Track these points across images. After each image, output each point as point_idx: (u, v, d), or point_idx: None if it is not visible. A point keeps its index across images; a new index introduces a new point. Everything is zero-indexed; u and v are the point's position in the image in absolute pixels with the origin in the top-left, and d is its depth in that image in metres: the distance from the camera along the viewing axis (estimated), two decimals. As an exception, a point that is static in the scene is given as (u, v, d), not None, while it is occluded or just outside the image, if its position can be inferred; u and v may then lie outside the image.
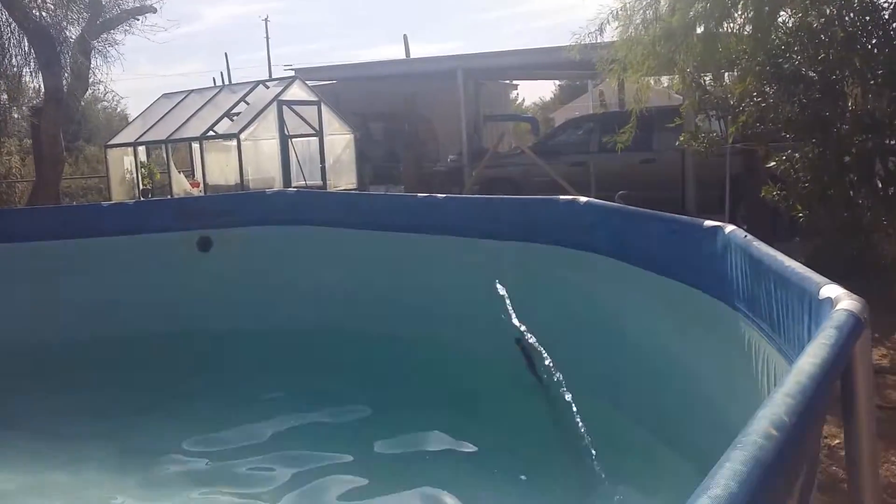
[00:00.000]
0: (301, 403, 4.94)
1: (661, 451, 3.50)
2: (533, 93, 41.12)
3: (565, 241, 4.63)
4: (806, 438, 1.37)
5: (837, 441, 3.86)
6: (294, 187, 12.59)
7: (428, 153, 17.34)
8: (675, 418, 3.50)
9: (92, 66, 14.28)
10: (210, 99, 15.36)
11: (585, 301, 4.47)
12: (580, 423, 3.84)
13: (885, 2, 6.57)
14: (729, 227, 3.07)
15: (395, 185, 15.98)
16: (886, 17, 6.49)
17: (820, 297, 1.98)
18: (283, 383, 5.27)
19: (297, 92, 14.66)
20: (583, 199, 4.70)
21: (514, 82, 23.38)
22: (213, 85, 18.87)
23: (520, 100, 35.11)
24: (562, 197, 4.86)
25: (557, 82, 34.52)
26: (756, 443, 1.13)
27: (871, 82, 6.55)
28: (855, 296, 1.88)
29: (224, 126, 14.39)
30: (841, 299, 1.86)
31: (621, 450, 3.83)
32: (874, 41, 6.49)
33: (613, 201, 7.15)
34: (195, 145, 14.80)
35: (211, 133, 14.17)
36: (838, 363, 1.57)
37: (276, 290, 6.15)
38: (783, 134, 6.92)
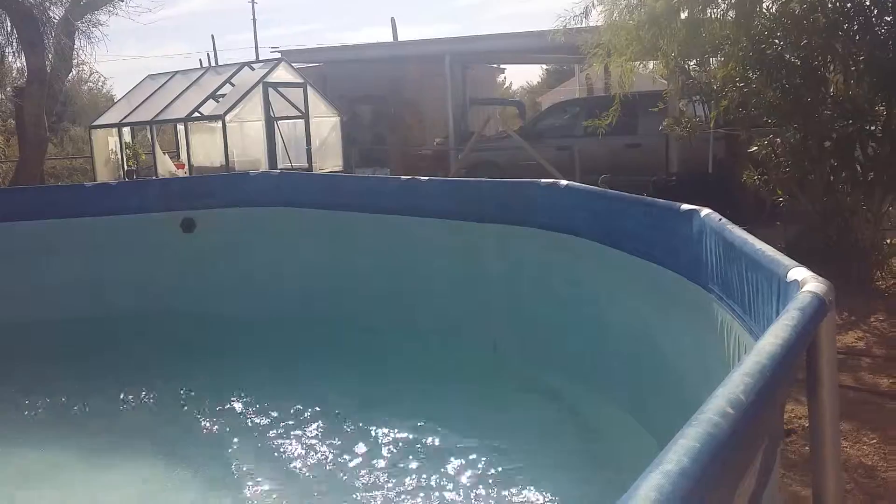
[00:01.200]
0: (282, 387, 4.93)
1: (635, 428, 3.55)
2: (520, 77, 41.15)
3: (546, 224, 4.66)
4: (763, 417, 1.40)
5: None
6: (279, 169, 12.54)
7: (414, 136, 17.32)
8: (649, 398, 3.55)
9: (76, 46, 14.17)
10: (195, 80, 15.25)
11: (566, 283, 4.50)
12: (558, 404, 3.89)
13: (867, -12, 6.59)
14: (704, 211, 3.11)
15: (382, 167, 15.97)
16: (868, 3, 6.53)
17: (787, 280, 2.01)
18: (266, 366, 5.27)
19: (282, 74, 14.58)
20: (563, 182, 4.72)
21: (502, 66, 23.32)
22: (199, 66, 18.72)
23: (507, 83, 35.10)
24: (543, 180, 4.87)
25: (545, 66, 34.45)
26: (711, 420, 1.15)
27: (853, 68, 6.61)
28: (821, 278, 1.90)
29: (209, 108, 14.31)
30: (807, 281, 1.89)
31: (597, 428, 3.89)
32: (856, 27, 6.53)
33: (597, 185, 7.18)
34: (180, 127, 14.73)
35: (196, 114, 14.08)
36: (800, 344, 1.60)
37: (259, 272, 6.15)
38: (765, 119, 6.97)
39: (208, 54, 31.51)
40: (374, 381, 4.88)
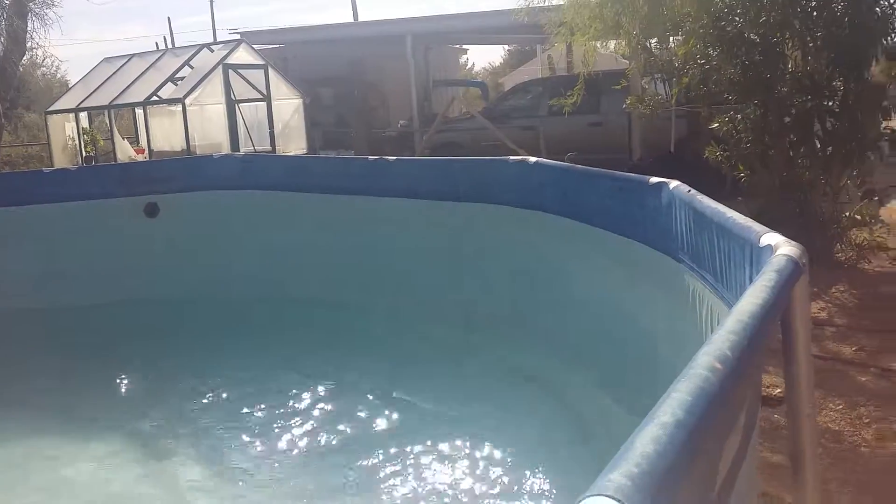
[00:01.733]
0: (250, 371, 4.90)
1: (607, 402, 3.60)
2: (483, 58, 41.01)
3: (516, 201, 4.68)
4: (748, 374, 1.44)
5: (779, 390, 4.03)
6: (243, 152, 12.40)
7: (378, 118, 17.23)
8: (623, 370, 3.60)
9: (29, 29, 13.78)
10: (153, 63, 14.95)
11: (537, 259, 4.54)
12: (531, 379, 3.93)
13: (825, -35, 6.69)
14: (673, 183, 3.15)
15: (346, 150, 15.87)
16: (826, -21, 6.62)
17: (760, 245, 2.05)
18: (233, 350, 5.22)
19: (243, 56, 14.36)
20: (532, 158, 4.75)
21: (464, 47, 23.26)
22: (155, 49, 18.35)
23: (469, 64, 35.03)
24: (511, 157, 4.89)
25: (507, 47, 34.44)
26: (701, 375, 1.18)
27: (811, 44, 6.71)
28: (794, 242, 1.95)
29: (168, 91, 14.04)
30: (780, 245, 1.93)
31: (570, 401, 3.94)
32: (813, 3, 6.62)
33: (563, 163, 7.21)
34: (139, 111, 14.45)
35: (155, 98, 13.82)
36: (778, 304, 1.64)
37: (224, 256, 6.08)
38: (726, 96, 7.07)
39: (165, 37, 30.79)
40: (346, 361, 4.88)
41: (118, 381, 4.97)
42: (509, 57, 36.70)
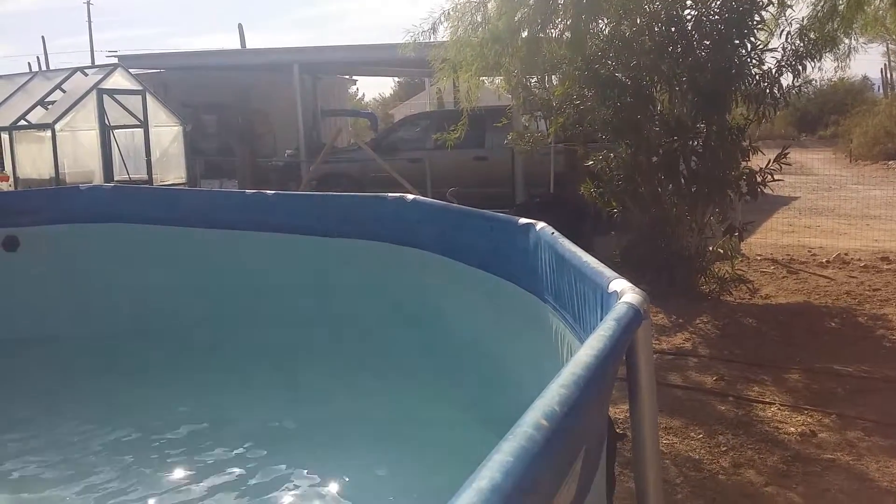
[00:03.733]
0: (117, 412, 4.67)
1: (484, 435, 3.62)
2: (373, 88, 41.37)
3: (393, 238, 4.69)
4: (580, 425, 1.46)
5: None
6: (116, 181, 11.90)
7: (264, 147, 16.94)
8: (494, 406, 3.63)
9: None
10: (22, 86, 14.17)
11: (411, 296, 4.55)
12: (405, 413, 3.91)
13: (688, 14, 7.11)
14: (540, 225, 3.22)
15: (230, 179, 15.49)
16: (689, 27, 7.04)
17: (609, 291, 2.12)
18: (98, 391, 4.95)
19: (119, 80, 13.81)
20: (409, 196, 4.77)
21: (354, 77, 23.29)
22: (27, 71, 17.44)
23: (360, 95, 35.16)
24: (389, 195, 4.90)
25: (397, 79, 34.77)
26: (526, 433, 1.19)
27: (677, 88, 7.10)
28: (637, 289, 2.03)
29: (37, 115, 13.33)
30: (625, 292, 2.00)
31: (448, 436, 3.95)
32: (679, 50, 7.02)
33: (445, 198, 7.31)
34: (4, 135, 13.63)
35: (23, 122, 13.08)
36: (615, 353, 1.69)
37: (91, 293, 5.78)
38: (600, 135, 7.36)
39: (38, 58, 29.43)
40: (214, 404, 4.71)
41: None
42: (399, 88, 37.12)
